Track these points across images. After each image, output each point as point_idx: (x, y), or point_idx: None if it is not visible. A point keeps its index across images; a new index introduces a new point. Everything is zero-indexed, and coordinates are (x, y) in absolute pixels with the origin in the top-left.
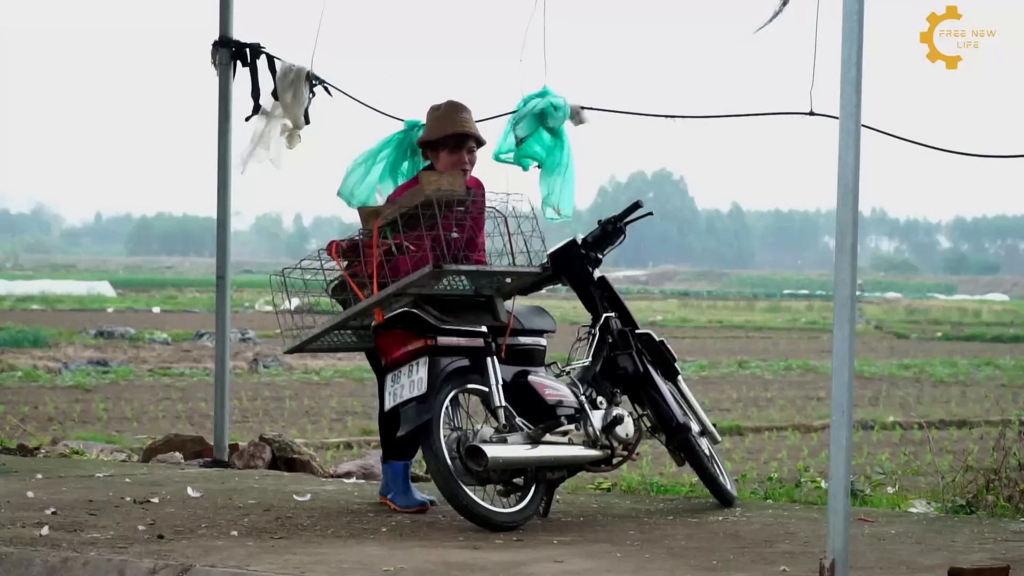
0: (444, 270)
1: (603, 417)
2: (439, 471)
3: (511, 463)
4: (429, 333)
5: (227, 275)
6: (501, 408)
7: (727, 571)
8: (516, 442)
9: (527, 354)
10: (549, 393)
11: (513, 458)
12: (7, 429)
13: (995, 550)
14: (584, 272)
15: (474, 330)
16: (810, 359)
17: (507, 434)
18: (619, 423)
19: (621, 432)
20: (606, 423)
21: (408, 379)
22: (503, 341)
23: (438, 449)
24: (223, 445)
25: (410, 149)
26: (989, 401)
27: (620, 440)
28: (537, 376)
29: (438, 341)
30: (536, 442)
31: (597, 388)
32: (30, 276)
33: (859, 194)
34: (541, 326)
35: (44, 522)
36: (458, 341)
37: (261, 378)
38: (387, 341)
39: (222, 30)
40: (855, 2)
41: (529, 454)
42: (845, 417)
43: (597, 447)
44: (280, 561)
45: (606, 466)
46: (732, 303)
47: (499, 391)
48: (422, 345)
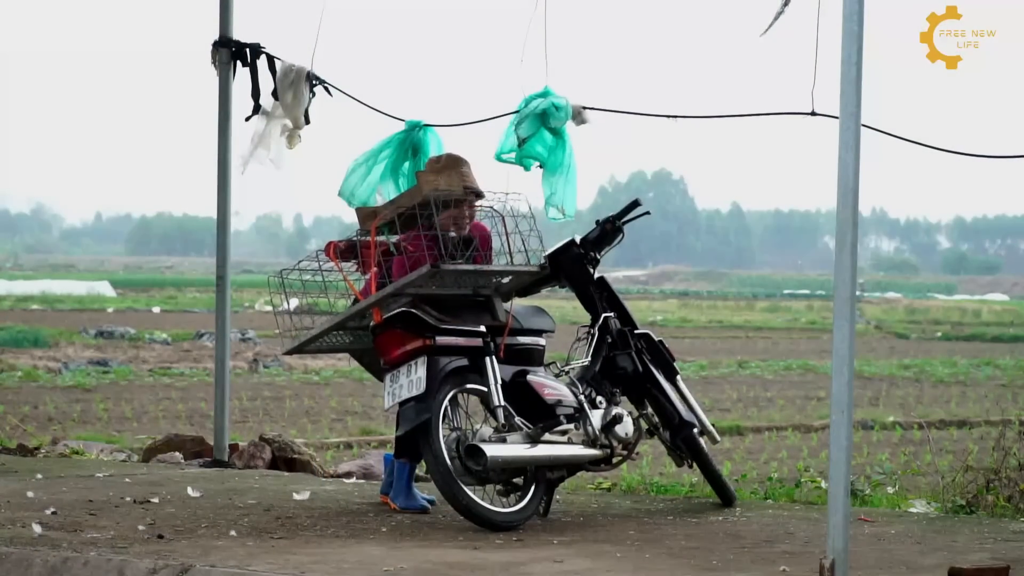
0: (442, 270)
1: (603, 417)
2: (438, 471)
3: (510, 462)
4: (428, 333)
5: (227, 275)
6: (500, 408)
7: (727, 571)
8: (515, 441)
9: (526, 354)
10: (548, 393)
11: (512, 457)
12: (7, 429)
13: (995, 550)
14: (583, 272)
15: (473, 330)
16: (810, 359)
17: (506, 434)
18: (618, 422)
19: (621, 431)
20: (605, 422)
21: (407, 379)
22: (502, 341)
23: (437, 449)
24: (223, 445)
25: (411, 149)
26: (989, 401)
27: (620, 439)
28: (536, 376)
29: (436, 341)
30: (535, 441)
31: (597, 388)
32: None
33: (859, 194)
34: (540, 326)
35: (41, 522)
36: (457, 341)
37: (261, 378)
38: (385, 341)
39: (222, 30)
40: (855, 2)
41: (528, 453)
42: (845, 417)
43: (597, 446)
44: (280, 561)
45: (606, 465)
46: (732, 303)
47: (498, 391)
48: (420, 345)
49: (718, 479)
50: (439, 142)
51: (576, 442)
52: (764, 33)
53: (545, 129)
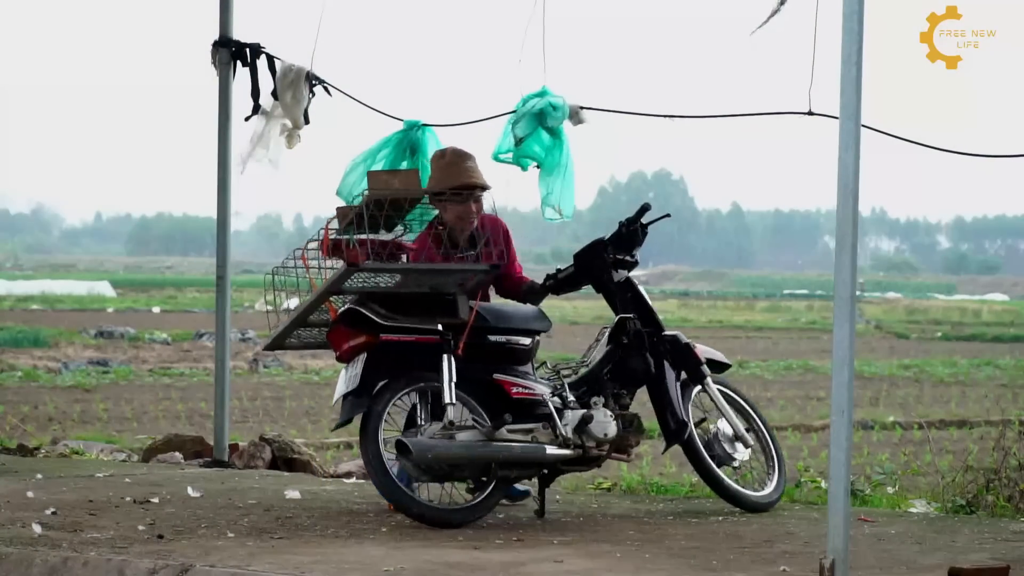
0: (360, 267)
1: (579, 417)
2: (371, 465)
3: (442, 458)
4: (371, 330)
5: (227, 275)
6: (449, 405)
7: (727, 571)
8: (466, 439)
9: (508, 353)
10: (516, 391)
11: (444, 454)
12: (7, 429)
13: (995, 550)
14: (605, 273)
15: (423, 327)
16: (810, 359)
17: (455, 431)
18: (588, 422)
19: (597, 431)
20: (576, 423)
21: (347, 374)
22: (462, 339)
23: (374, 446)
24: (223, 445)
25: (409, 149)
26: (989, 401)
27: (596, 439)
28: (505, 374)
29: (381, 338)
30: (491, 439)
31: (596, 389)
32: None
33: (859, 194)
34: (527, 325)
35: (41, 522)
36: (404, 338)
37: (261, 378)
38: (334, 337)
39: (222, 30)
40: (855, 2)
41: (463, 450)
42: (845, 417)
43: (569, 446)
44: (280, 561)
45: (581, 465)
46: (732, 303)
47: (450, 388)
48: (363, 341)
49: (719, 484)
50: (437, 142)
51: (543, 441)
52: (755, 32)
53: (542, 129)
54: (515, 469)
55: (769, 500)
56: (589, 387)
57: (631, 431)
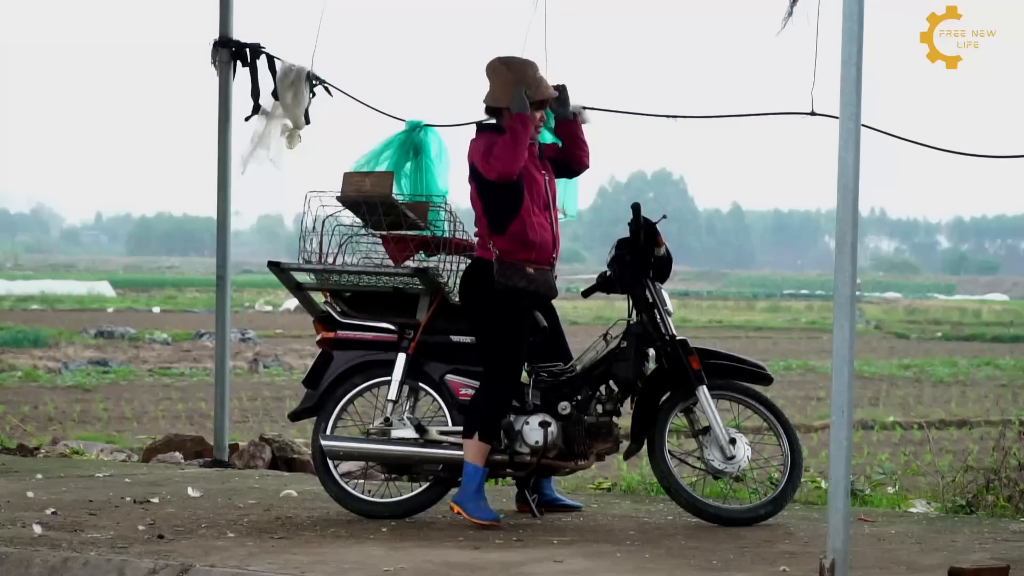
0: (281, 267)
1: (508, 423)
2: (316, 463)
3: (351, 455)
4: (331, 327)
5: (227, 275)
6: (390, 402)
7: (727, 571)
8: (401, 436)
9: (470, 354)
10: (463, 393)
11: (348, 450)
12: (7, 429)
13: (995, 550)
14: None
15: (377, 325)
16: (810, 359)
17: (391, 428)
18: (515, 428)
19: (530, 438)
20: (506, 428)
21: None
22: (414, 338)
23: (318, 445)
24: (223, 445)
25: (412, 150)
26: (989, 401)
27: (529, 446)
28: (457, 375)
29: (339, 334)
30: (422, 439)
31: (569, 393)
32: (30, 276)
33: (859, 194)
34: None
35: (41, 522)
36: (364, 335)
37: (261, 378)
38: (316, 330)
39: (222, 30)
40: (855, 2)
41: (365, 448)
42: (845, 417)
43: (501, 451)
44: (280, 561)
45: (511, 470)
46: (732, 303)
47: (396, 386)
48: (323, 337)
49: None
50: (440, 142)
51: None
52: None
53: (546, 129)
54: (446, 469)
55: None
56: (565, 391)
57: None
